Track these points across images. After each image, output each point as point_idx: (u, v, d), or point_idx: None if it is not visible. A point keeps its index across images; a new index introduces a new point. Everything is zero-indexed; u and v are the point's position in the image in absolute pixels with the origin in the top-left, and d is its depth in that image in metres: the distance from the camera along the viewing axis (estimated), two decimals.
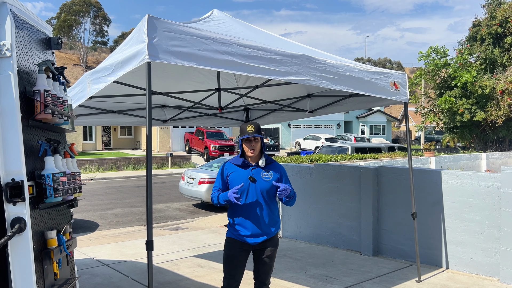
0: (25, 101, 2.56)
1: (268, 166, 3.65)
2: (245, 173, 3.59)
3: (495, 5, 22.96)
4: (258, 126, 3.58)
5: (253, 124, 3.56)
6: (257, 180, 3.56)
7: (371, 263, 6.17)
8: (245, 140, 3.57)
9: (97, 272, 5.91)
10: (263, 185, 3.57)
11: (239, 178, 3.58)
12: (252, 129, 3.53)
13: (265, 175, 3.60)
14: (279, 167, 3.72)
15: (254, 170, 3.59)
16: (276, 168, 3.69)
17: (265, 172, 3.61)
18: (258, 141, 3.57)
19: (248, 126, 3.55)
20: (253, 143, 3.55)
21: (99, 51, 59.24)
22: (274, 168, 3.67)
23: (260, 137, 3.58)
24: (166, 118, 7.18)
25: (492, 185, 5.42)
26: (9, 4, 2.46)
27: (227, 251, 3.65)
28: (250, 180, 3.55)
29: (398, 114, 60.05)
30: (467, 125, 21.65)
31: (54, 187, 2.62)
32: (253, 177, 3.56)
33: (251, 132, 3.52)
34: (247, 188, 3.55)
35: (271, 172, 3.62)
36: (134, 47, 3.29)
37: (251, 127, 3.54)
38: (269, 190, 3.58)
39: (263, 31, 5.30)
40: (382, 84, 4.92)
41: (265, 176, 3.59)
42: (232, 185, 3.58)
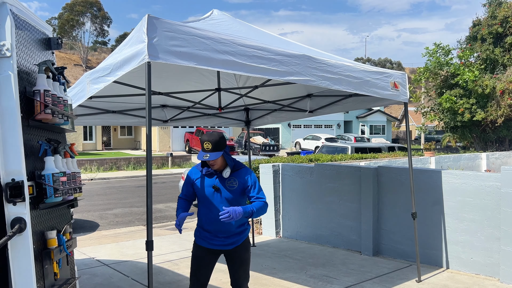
0: (25, 101, 2.56)
1: (234, 173, 3.46)
2: (209, 181, 3.45)
3: (495, 5, 22.95)
4: (216, 141, 3.29)
5: (209, 141, 3.28)
6: (221, 189, 3.42)
7: (371, 263, 6.17)
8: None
9: (97, 272, 5.91)
10: (226, 195, 3.43)
11: (203, 186, 3.45)
12: (209, 147, 3.29)
13: (229, 183, 3.43)
14: (247, 174, 3.50)
15: (219, 179, 3.44)
16: (243, 175, 3.48)
17: (230, 180, 3.43)
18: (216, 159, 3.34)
19: (205, 143, 3.29)
20: (211, 162, 3.37)
21: (99, 51, 59.27)
22: (241, 176, 3.47)
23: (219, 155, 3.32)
24: (166, 118, 7.18)
25: (492, 185, 5.42)
26: (9, 4, 2.46)
27: (193, 252, 3.58)
28: (213, 189, 3.42)
29: (398, 114, 60.05)
30: (467, 125, 21.63)
31: (54, 187, 2.62)
32: (216, 186, 3.41)
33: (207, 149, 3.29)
34: (212, 197, 3.43)
35: (237, 181, 3.44)
36: (134, 47, 3.29)
37: (208, 144, 3.28)
38: (234, 198, 3.44)
39: (263, 31, 5.30)
40: (382, 84, 4.92)
41: (229, 185, 3.43)
42: (198, 192, 3.48)
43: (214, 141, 3.31)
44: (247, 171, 3.55)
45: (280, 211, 7.92)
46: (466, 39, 24.06)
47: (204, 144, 3.31)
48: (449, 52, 21.80)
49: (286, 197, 7.83)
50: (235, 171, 3.49)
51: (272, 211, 7.89)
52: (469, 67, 21.15)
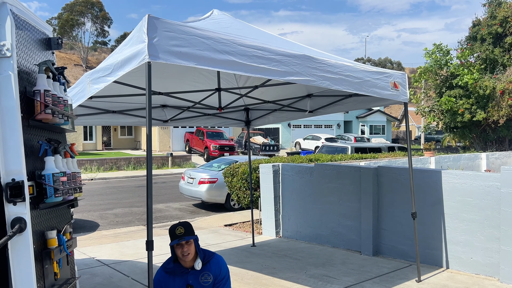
0: (25, 101, 2.56)
1: (206, 266, 3.30)
2: (182, 281, 3.27)
3: (495, 5, 22.96)
4: (188, 227, 3.20)
5: (182, 225, 3.16)
6: (195, 286, 3.26)
7: (371, 263, 6.17)
8: (176, 246, 3.17)
9: (97, 272, 5.92)
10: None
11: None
12: (182, 231, 3.13)
13: (203, 279, 3.28)
14: (218, 265, 3.35)
15: (192, 277, 3.26)
16: (214, 267, 3.33)
17: (204, 275, 3.28)
18: (190, 243, 3.19)
19: (177, 228, 3.14)
20: (186, 247, 3.18)
21: (99, 51, 59.26)
22: (211, 269, 3.32)
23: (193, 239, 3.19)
24: (166, 118, 7.18)
25: (492, 185, 5.42)
26: (9, 4, 2.46)
27: None
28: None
29: (398, 114, 60.05)
30: (467, 125, 21.65)
31: (54, 187, 2.62)
32: (190, 285, 3.25)
33: (180, 234, 3.12)
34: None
35: (211, 275, 3.28)
36: (134, 47, 3.29)
37: (180, 229, 3.13)
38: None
39: (263, 31, 5.30)
40: (382, 84, 4.92)
41: (204, 281, 3.28)
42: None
43: (186, 225, 3.22)
44: (219, 262, 3.38)
45: (280, 211, 7.92)
46: (466, 39, 24.07)
47: (176, 230, 3.17)
48: (448, 52, 21.81)
49: (286, 197, 7.83)
50: (206, 262, 3.32)
51: (272, 211, 7.90)
52: (469, 68, 21.15)
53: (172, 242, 3.18)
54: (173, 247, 3.22)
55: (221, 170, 11.57)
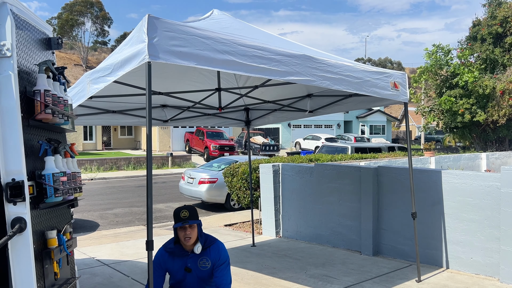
0: (26, 101, 2.57)
1: (206, 251, 3.34)
2: (181, 263, 3.32)
3: (495, 5, 22.95)
4: (193, 211, 3.25)
5: (187, 209, 3.22)
6: (193, 270, 3.30)
7: (371, 263, 6.17)
8: (179, 228, 3.24)
9: (97, 272, 5.92)
10: (200, 275, 3.34)
11: (175, 269, 3.33)
12: (186, 215, 3.19)
13: (202, 263, 3.32)
14: (217, 251, 3.38)
15: (191, 260, 3.32)
16: (213, 253, 3.36)
17: (203, 259, 3.32)
18: (194, 227, 3.25)
19: (182, 211, 3.21)
20: (188, 231, 3.24)
21: (99, 51, 59.27)
22: (211, 254, 3.36)
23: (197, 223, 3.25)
24: (166, 118, 7.18)
25: (492, 185, 5.42)
26: (9, 4, 2.46)
27: None
28: (186, 271, 3.32)
29: (398, 114, 60.05)
30: (467, 125, 21.64)
31: (54, 187, 2.62)
32: (189, 268, 3.30)
33: (184, 218, 3.18)
34: (185, 279, 3.32)
35: (209, 261, 3.33)
36: (134, 47, 3.29)
37: (185, 212, 3.20)
38: (207, 277, 3.34)
39: (263, 31, 5.30)
40: (382, 84, 4.92)
41: (202, 265, 3.32)
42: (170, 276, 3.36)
43: (191, 209, 3.26)
44: (218, 247, 3.41)
45: (280, 211, 7.93)
46: (466, 39, 24.06)
47: (181, 213, 3.21)
48: (448, 52, 21.81)
49: (286, 197, 7.83)
50: (207, 247, 3.36)
51: (272, 211, 7.90)
52: (469, 67, 21.14)
53: (175, 224, 3.21)
54: (176, 229, 3.25)
55: (221, 170, 11.57)
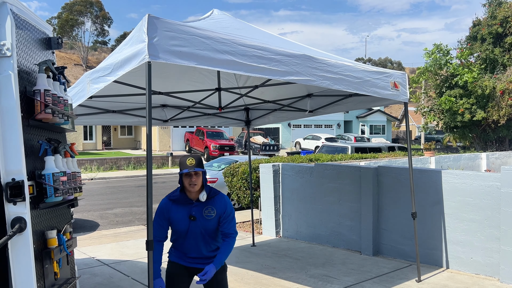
0: (26, 100, 2.56)
1: (210, 200, 3.41)
2: (185, 211, 3.38)
3: (495, 5, 22.95)
4: (199, 159, 3.34)
5: (193, 157, 3.32)
6: (198, 218, 3.36)
7: (371, 263, 6.17)
8: (185, 175, 3.31)
9: (98, 271, 5.92)
10: (204, 224, 3.38)
11: (178, 217, 3.37)
12: (193, 163, 3.28)
13: (207, 212, 3.38)
14: (223, 202, 3.46)
15: (195, 208, 3.37)
16: (219, 203, 3.43)
17: (208, 208, 3.39)
18: (199, 175, 3.32)
19: (188, 159, 3.30)
20: (194, 178, 3.30)
21: (99, 51, 59.28)
22: (216, 204, 3.42)
23: (202, 171, 3.33)
24: (166, 118, 7.18)
25: (492, 185, 5.42)
26: (9, 4, 2.46)
27: (168, 269, 3.48)
28: (190, 220, 3.36)
29: (398, 114, 60.06)
30: (467, 125, 21.64)
31: (54, 186, 2.62)
32: (193, 216, 3.36)
33: (191, 165, 3.27)
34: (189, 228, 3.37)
35: (214, 210, 3.40)
36: (134, 46, 3.29)
37: (192, 160, 3.29)
38: (211, 228, 3.40)
39: (263, 31, 5.30)
40: (382, 84, 4.92)
41: (207, 214, 3.38)
42: (174, 225, 3.39)
43: (196, 158, 3.34)
44: (224, 199, 3.48)
45: (280, 211, 7.93)
46: (466, 39, 24.05)
47: (188, 161, 3.29)
48: (448, 52, 21.81)
49: (286, 197, 7.83)
50: (211, 197, 3.43)
51: (272, 211, 7.90)
52: (469, 67, 21.14)
53: (182, 170, 3.30)
54: (182, 176, 3.33)
55: (221, 170, 11.56)
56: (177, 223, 3.39)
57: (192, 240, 3.41)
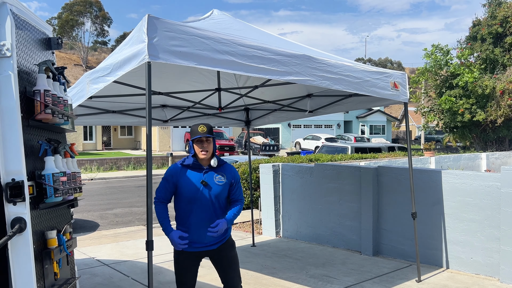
0: (25, 101, 2.56)
1: (220, 168, 3.52)
2: (197, 176, 3.44)
3: (495, 5, 22.95)
4: (210, 127, 3.46)
5: (204, 125, 3.44)
6: (210, 185, 3.42)
7: (371, 263, 6.17)
8: (197, 141, 3.42)
9: (97, 272, 5.92)
10: (216, 190, 3.44)
11: (190, 181, 3.41)
12: (204, 129, 3.40)
13: (218, 178, 3.47)
14: (232, 170, 3.58)
15: (207, 174, 3.45)
16: (229, 171, 3.55)
17: (218, 175, 3.48)
18: (210, 142, 3.44)
19: (200, 126, 3.42)
20: (205, 144, 3.41)
21: (99, 51, 59.30)
22: (226, 171, 3.54)
23: (212, 138, 3.45)
24: (166, 118, 7.18)
25: (492, 185, 5.42)
26: (9, 4, 2.46)
27: (176, 257, 3.50)
28: (202, 185, 3.41)
29: (398, 114, 60.06)
30: (467, 125, 21.65)
31: (54, 187, 2.62)
32: (205, 181, 3.42)
33: (202, 132, 3.39)
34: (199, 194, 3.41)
35: (224, 176, 3.50)
36: (134, 47, 3.29)
37: (203, 127, 3.41)
38: (222, 194, 3.47)
39: (263, 31, 5.30)
40: (382, 84, 4.92)
41: (218, 180, 3.47)
42: (184, 190, 3.41)
43: (208, 125, 3.45)
44: (232, 167, 3.61)
45: (280, 211, 7.92)
46: (466, 39, 24.05)
47: (199, 128, 3.41)
48: (448, 52, 21.81)
49: (286, 197, 7.83)
50: (221, 165, 3.54)
51: (272, 211, 7.90)
52: (469, 67, 21.14)
53: (194, 137, 3.41)
54: (194, 142, 3.44)
55: None
56: (187, 187, 3.42)
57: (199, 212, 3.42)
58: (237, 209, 3.56)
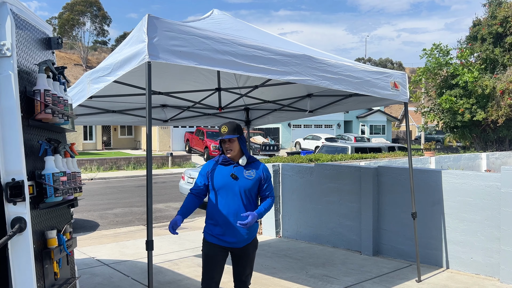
0: (25, 101, 2.56)
1: (251, 164, 3.60)
2: (227, 170, 3.54)
3: (495, 5, 22.93)
4: (233, 127, 3.52)
5: (226, 125, 3.52)
6: (240, 178, 3.51)
7: (371, 263, 6.17)
8: (221, 141, 3.56)
9: (97, 271, 5.92)
10: (245, 184, 3.51)
11: (220, 174, 3.53)
12: (226, 130, 3.48)
13: (247, 173, 3.55)
14: (263, 167, 3.65)
15: (236, 168, 3.54)
16: (260, 167, 3.63)
17: (248, 170, 3.56)
18: (233, 141, 3.52)
19: (223, 127, 3.52)
20: (227, 144, 3.51)
21: (99, 51, 59.30)
22: (257, 168, 3.61)
23: (236, 137, 3.52)
24: (166, 118, 7.18)
25: (492, 185, 5.42)
26: (9, 4, 2.46)
27: (205, 251, 3.57)
28: (231, 178, 3.50)
29: (398, 114, 60.04)
30: (467, 125, 21.63)
31: (54, 186, 2.62)
32: (235, 175, 3.51)
33: (224, 133, 3.48)
34: (229, 186, 3.49)
35: (254, 171, 3.57)
36: (134, 46, 3.29)
37: (225, 128, 3.50)
38: (251, 189, 3.54)
39: (263, 31, 5.30)
40: (382, 84, 4.92)
41: (248, 175, 3.54)
42: (214, 181, 3.53)
43: (230, 125, 3.52)
44: (262, 164, 3.67)
45: (280, 211, 7.92)
46: (466, 39, 24.03)
47: (222, 128, 3.51)
48: (448, 52, 21.80)
49: (286, 197, 7.83)
50: (251, 162, 3.61)
51: (272, 211, 7.90)
52: (469, 67, 21.14)
53: (217, 138, 3.57)
54: (220, 142, 3.57)
55: None
56: (217, 178, 3.53)
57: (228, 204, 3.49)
58: (267, 205, 3.60)
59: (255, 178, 3.56)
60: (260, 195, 3.65)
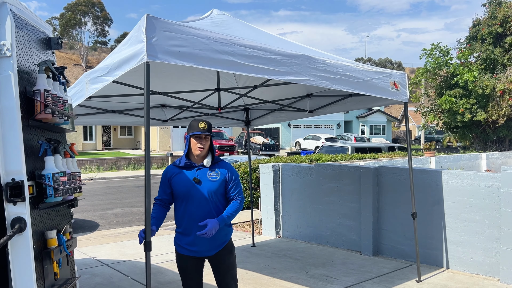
0: (25, 101, 2.56)
1: (215, 165, 3.43)
2: (189, 174, 3.35)
3: (495, 5, 22.93)
4: (210, 125, 3.40)
5: (204, 122, 3.36)
6: (202, 182, 3.33)
7: (371, 263, 6.17)
8: (196, 137, 3.35)
9: (97, 272, 5.92)
10: (209, 187, 3.33)
11: (182, 180, 3.34)
12: (205, 127, 3.33)
13: (211, 175, 3.36)
14: (227, 166, 3.48)
15: (199, 171, 3.36)
16: (224, 167, 3.45)
17: (212, 171, 3.38)
18: (208, 139, 3.38)
19: (201, 123, 3.34)
20: (203, 141, 3.34)
21: (99, 51, 59.33)
22: (221, 168, 3.44)
23: (210, 135, 3.38)
24: (165, 118, 7.18)
25: (492, 185, 5.42)
26: (9, 4, 2.46)
27: (178, 264, 3.45)
28: (194, 182, 3.32)
29: (398, 114, 60.04)
30: (467, 125, 21.64)
31: (54, 187, 2.62)
32: (197, 178, 3.32)
33: (203, 129, 3.32)
34: (193, 191, 3.31)
35: (219, 172, 3.39)
36: (132, 47, 3.28)
37: (204, 124, 3.34)
38: (217, 191, 3.35)
39: (263, 31, 5.30)
40: (382, 84, 4.92)
41: (212, 176, 3.36)
42: (177, 188, 3.36)
43: (207, 123, 3.39)
44: (228, 164, 3.51)
45: (280, 211, 7.93)
46: (466, 39, 24.04)
47: (200, 124, 3.34)
48: (447, 52, 21.81)
49: (286, 197, 7.83)
50: (216, 162, 3.45)
51: (272, 211, 7.90)
52: (469, 67, 21.14)
53: (193, 132, 3.34)
54: (191, 138, 3.38)
55: None
56: (179, 185, 3.35)
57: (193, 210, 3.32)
58: (233, 209, 3.38)
59: (220, 179, 3.38)
60: (227, 197, 3.44)
